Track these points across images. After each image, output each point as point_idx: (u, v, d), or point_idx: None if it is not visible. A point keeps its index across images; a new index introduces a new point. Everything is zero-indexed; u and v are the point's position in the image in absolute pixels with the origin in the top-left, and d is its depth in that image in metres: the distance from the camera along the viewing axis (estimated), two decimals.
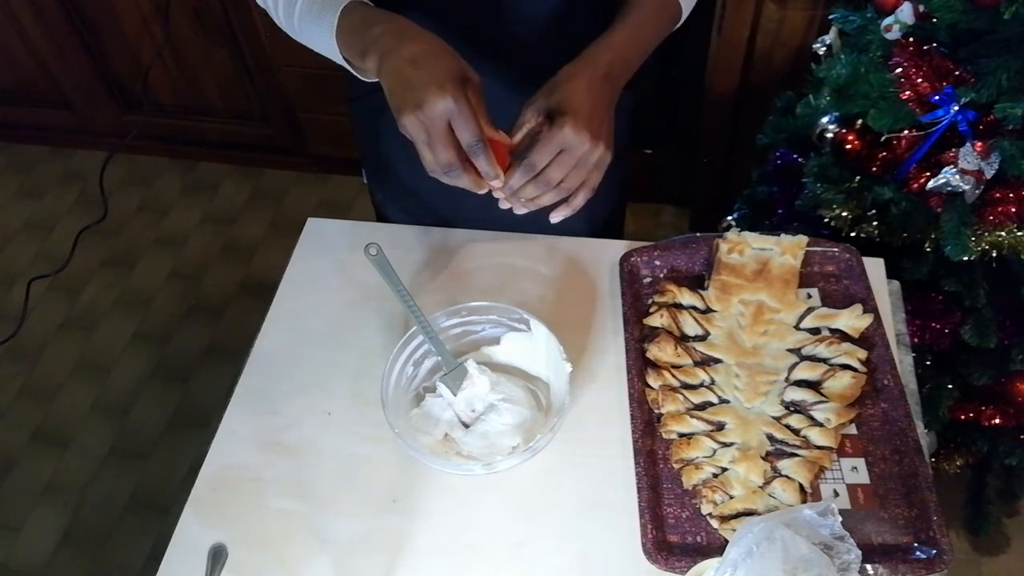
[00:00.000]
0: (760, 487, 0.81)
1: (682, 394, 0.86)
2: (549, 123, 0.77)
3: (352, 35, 0.79)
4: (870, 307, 0.92)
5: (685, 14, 0.91)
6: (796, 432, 0.84)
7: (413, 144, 0.75)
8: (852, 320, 0.91)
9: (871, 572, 0.75)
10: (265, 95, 2.32)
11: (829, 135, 1.28)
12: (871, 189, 1.23)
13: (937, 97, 1.12)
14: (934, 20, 1.13)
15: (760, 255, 0.95)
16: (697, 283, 0.97)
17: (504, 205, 0.82)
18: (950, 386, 1.38)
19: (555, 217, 0.82)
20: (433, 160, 0.74)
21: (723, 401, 0.87)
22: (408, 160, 1.04)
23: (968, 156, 1.11)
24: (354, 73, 0.84)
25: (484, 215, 1.06)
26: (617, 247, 1.02)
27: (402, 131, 0.74)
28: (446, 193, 1.02)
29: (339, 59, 0.83)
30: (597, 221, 1.15)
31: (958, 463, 1.54)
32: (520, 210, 0.82)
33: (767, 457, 0.82)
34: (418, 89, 0.71)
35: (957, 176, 1.12)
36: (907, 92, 1.13)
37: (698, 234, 1.00)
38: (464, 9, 0.93)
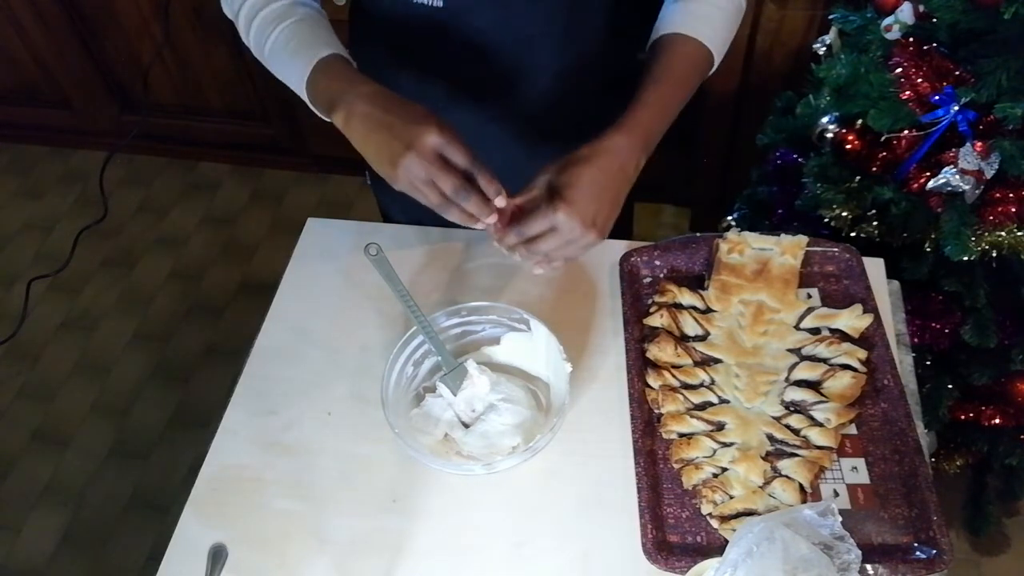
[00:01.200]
0: (760, 487, 0.81)
1: (682, 394, 0.86)
2: (549, 199, 0.80)
3: (322, 88, 0.84)
4: (870, 307, 0.92)
5: (717, 62, 0.92)
6: (796, 432, 0.84)
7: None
8: (852, 320, 0.91)
9: (871, 572, 0.75)
10: (265, 95, 2.32)
11: (829, 135, 1.28)
12: (871, 189, 1.23)
13: (937, 97, 1.11)
14: (934, 20, 1.13)
15: (760, 255, 0.95)
16: (697, 283, 0.97)
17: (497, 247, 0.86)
18: (950, 386, 1.38)
19: (536, 270, 0.86)
20: (438, 193, 0.77)
21: (723, 401, 0.87)
22: None
23: (968, 156, 1.11)
24: (312, 108, 0.88)
25: None
26: (617, 247, 1.02)
27: (396, 184, 0.78)
28: None
29: (303, 95, 0.88)
30: None
31: (958, 463, 1.54)
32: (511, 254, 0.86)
33: (767, 457, 0.82)
34: (402, 133, 0.75)
35: (957, 176, 1.12)
36: (907, 92, 1.13)
37: (698, 234, 1.00)
38: (463, 65, 0.96)
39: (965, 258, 1.17)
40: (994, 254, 1.19)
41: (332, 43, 0.88)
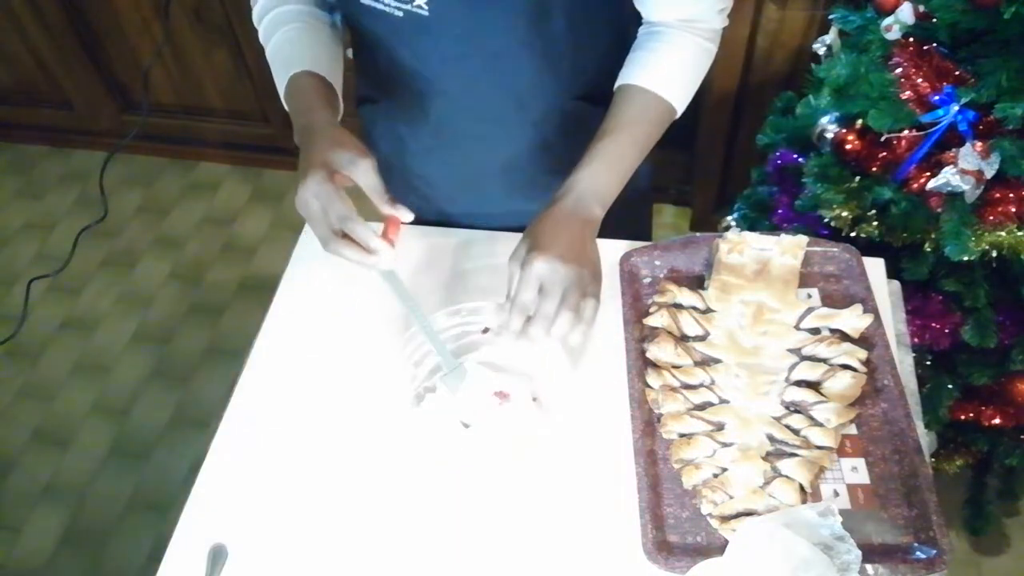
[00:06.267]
0: (760, 487, 0.81)
1: (682, 394, 0.86)
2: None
3: (290, 110, 0.89)
4: (870, 307, 0.92)
5: (680, 111, 0.92)
6: (796, 432, 0.84)
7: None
8: (852, 320, 0.91)
9: (871, 572, 0.75)
10: (265, 95, 2.32)
11: (829, 135, 1.28)
12: (871, 189, 1.23)
13: (937, 97, 1.11)
14: (934, 20, 1.13)
15: (760, 255, 0.95)
16: (697, 283, 0.97)
17: (507, 342, 0.81)
18: (950, 386, 1.38)
19: (573, 340, 0.80)
20: (326, 224, 0.80)
21: (723, 401, 0.87)
22: (402, 160, 1.07)
23: (968, 156, 1.11)
24: None
25: (480, 209, 1.11)
26: (617, 247, 1.01)
27: (297, 204, 0.81)
28: (443, 188, 1.10)
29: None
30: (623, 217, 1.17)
31: (958, 463, 1.54)
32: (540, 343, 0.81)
33: (767, 457, 0.82)
34: (313, 156, 0.80)
35: (957, 176, 1.11)
36: (907, 92, 1.13)
37: (698, 234, 1.00)
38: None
39: (965, 258, 1.17)
40: (994, 254, 1.19)
41: (314, 58, 0.91)
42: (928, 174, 1.17)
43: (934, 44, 1.13)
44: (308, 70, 0.90)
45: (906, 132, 1.17)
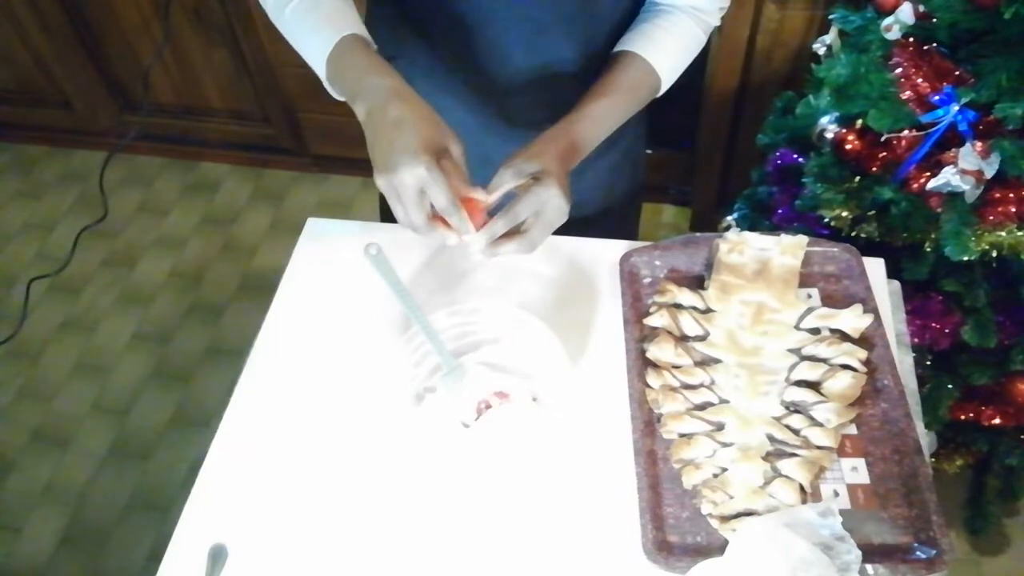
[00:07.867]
0: (760, 487, 0.81)
1: (682, 394, 0.86)
2: (532, 183, 0.81)
3: (345, 72, 0.82)
4: (870, 307, 0.92)
5: (665, 87, 0.96)
6: (796, 432, 0.84)
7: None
8: (852, 320, 0.91)
9: (871, 572, 0.75)
10: (265, 95, 2.32)
11: (829, 135, 1.28)
12: (871, 189, 1.23)
13: (937, 97, 1.11)
14: (934, 20, 1.13)
15: (760, 255, 0.95)
16: (697, 283, 0.97)
17: (478, 257, 0.84)
18: (950, 386, 1.38)
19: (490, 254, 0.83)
20: (404, 218, 0.79)
21: (723, 401, 0.87)
22: None
23: (968, 156, 1.11)
24: (326, 86, 0.87)
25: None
26: (617, 247, 1.02)
27: (389, 182, 0.76)
28: None
29: (319, 71, 0.85)
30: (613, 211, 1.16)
31: (958, 463, 1.54)
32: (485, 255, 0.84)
33: (767, 457, 0.82)
34: (394, 155, 0.74)
35: (957, 176, 1.12)
36: (907, 92, 1.13)
37: (698, 234, 1.00)
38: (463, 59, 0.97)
39: (965, 258, 1.17)
40: (994, 254, 1.19)
41: (354, 21, 0.86)
42: (928, 174, 1.17)
43: (934, 44, 1.13)
44: (356, 33, 0.84)
45: (906, 132, 1.17)
